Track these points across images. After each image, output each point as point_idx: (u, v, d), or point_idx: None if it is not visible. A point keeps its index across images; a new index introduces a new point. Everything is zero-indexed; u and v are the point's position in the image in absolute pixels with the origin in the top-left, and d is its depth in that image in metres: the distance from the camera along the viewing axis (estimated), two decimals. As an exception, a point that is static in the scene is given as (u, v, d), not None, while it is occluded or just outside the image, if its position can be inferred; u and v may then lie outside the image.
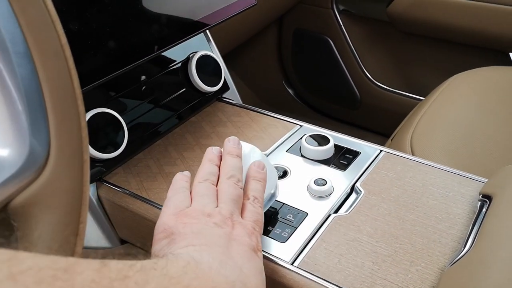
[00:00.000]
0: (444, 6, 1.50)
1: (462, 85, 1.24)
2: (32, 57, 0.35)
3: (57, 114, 0.36)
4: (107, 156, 0.80)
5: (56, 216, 0.37)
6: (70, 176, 0.38)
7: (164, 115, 0.93)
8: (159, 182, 0.81)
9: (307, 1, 1.83)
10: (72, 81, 0.37)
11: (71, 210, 0.38)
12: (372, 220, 0.71)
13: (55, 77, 0.36)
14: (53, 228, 0.37)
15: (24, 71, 0.35)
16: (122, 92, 0.87)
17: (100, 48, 0.72)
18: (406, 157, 0.84)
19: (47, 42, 0.36)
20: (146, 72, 0.92)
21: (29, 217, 0.37)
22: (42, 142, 0.36)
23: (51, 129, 0.36)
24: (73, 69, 0.38)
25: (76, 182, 0.38)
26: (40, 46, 0.36)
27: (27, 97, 0.35)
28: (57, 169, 0.37)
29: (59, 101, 0.36)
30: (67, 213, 0.38)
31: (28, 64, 0.35)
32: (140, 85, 0.90)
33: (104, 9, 0.73)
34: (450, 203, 0.73)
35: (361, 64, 1.81)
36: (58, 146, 0.37)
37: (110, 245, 0.84)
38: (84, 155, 0.39)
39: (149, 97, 0.91)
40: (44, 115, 0.36)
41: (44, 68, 0.36)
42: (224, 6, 0.92)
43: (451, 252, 0.65)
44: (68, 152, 0.38)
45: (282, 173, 0.82)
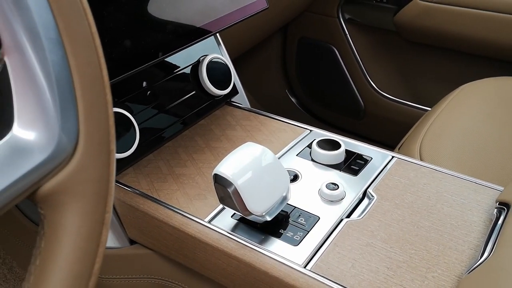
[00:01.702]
0: (452, 16, 1.49)
1: (471, 95, 1.24)
2: (63, 43, 0.35)
3: (87, 102, 0.36)
4: (119, 156, 0.79)
5: (84, 204, 0.37)
6: (98, 165, 0.37)
7: (174, 118, 0.92)
8: (170, 183, 0.80)
9: (312, 10, 1.83)
10: (101, 70, 0.37)
11: (98, 199, 0.38)
12: (385, 226, 0.71)
13: (85, 64, 0.36)
14: (80, 216, 0.37)
15: (55, 57, 0.34)
16: (133, 93, 0.87)
17: (115, 48, 0.71)
18: (419, 164, 0.83)
19: (78, 30, 0.35)
20: (158, 74, 0.91)
21: (57, 205, 0.36)
22: (71, 129, 0.35)
23: (80, 116, 0.36)
24: (102, 57, 0.37)
25: (103, 171, 0.38)
26: (71, 33, 0.35)
27: (58, 83, 0.34)
28: (86, 158, 0.36)
29: (88, 88, 0.36)
30: (94, 202, 0.37)
31: (59, 50, 0.34)
32: (151, 87, 0.90)
33: (120, 9, 0.72)
34: (465, 210, 0.73)
35: (366, 74, 1.81)
36: (86, 134, 0.36)
37: (119, 245, 0.84)
38: (111, 144, 0.38)
39: (159, 99, 0.90)
40: (73, 102, 0.35)
41: (75, 55, 0.35)
42: (236, 9, 0.92)
43: (468, 259, 0.65)
44: (97, 141, 0.37)
45: (293, 177, 0.82)
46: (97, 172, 0.37)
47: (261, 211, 0.68)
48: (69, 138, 0.35)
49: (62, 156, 0.35)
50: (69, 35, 0.35)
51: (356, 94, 1.86)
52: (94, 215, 0.37)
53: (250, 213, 0.67)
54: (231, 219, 0.73)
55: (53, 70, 0.34)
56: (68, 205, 0.36)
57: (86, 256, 0.37)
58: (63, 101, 0.34)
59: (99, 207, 0.38)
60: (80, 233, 0.37)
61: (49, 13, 0.34)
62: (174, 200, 0.77)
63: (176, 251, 0.76)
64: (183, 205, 0.76)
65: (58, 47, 0.34)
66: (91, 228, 0.37)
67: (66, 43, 0.35)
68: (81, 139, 0.36)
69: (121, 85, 0.85)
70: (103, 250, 0.38)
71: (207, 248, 0.71)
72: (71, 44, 0.35)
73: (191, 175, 0.82)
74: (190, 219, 0.73)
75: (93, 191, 0.37)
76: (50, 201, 0.35)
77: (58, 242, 0.36)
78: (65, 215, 0.36)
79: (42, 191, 0.35)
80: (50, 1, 0.34)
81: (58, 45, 0.34)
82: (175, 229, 0.73)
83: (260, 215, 0.68)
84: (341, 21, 1.79)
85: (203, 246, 0.71)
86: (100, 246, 0.38)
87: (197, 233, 0.71)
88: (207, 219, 0.73)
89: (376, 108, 1.84)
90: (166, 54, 0.79)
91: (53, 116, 0.34)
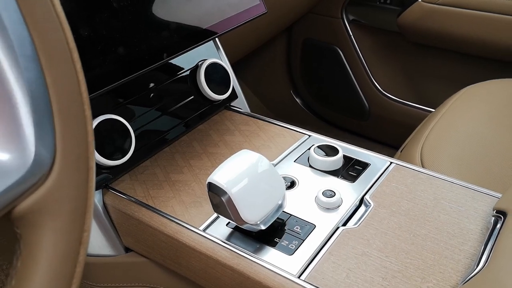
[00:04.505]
0: (457, 17, 1.48)
1: (474, 97, 1.23)
2: (40, 60, 0.34)
3: (64, 119, 0.35)
4: (114, 163, 0.79)
5: (60, 223, 0.36)
6: (76, 183, 0.37)
7: (171, 123, 0.92)
8: (166, 190, 0.80)
9: (316, 11, 1.82)
10: (79, 85, 0.36)
11: (75, 218, 0.37)
12: (381, 234, 0.70)
13: (62, 81, 0.35)
14: (56, 236, 0.36)
15: (31, 75, 0.34)
16: (130, 98, 0.86)
17: (109, 54, 0.71)
18: (417, 170, 0.82)
19: (55, 45, 0.35)
20: (155, 79, 0.91)
21: (33, 224, 0.35)
22: (47, 147, 0.35)
23: (57, 134, 0.35)
24: (80, 73, 0.37)
25: (81, 189, 0.37)
26: (47, 49, 0.34)
27: (33, 102, 0.34)
28: (63, 175, 0.36)
29: (65, 105, 0.35)
30: (71, 221, 0.37)
31: (35, 68, 0.34)
32: (148, 92, 0.89)
33: (114, 15, 0.72)
34: (462, 218, 0.72)
35: (370, 75, 1.80)
36: (64, 152, 0.36)
37: (114, 253, 0.83)
38: (90, 161, 0.38)
39: (157, 104, 0.90)
40: (50, 119, 0.35)
41: (51, 71, 0.35)
42: (234, 14, 0.91)
43: (464, 269, 0.64)
44: (74, 158, 0.36)
45: (289, 184, 0.81)
46: (75, 190, 0.37)
47: (256, 220, 0.67)
48: (45, 156, 0.34)
49: (38, 175, 0.34)
50: (45, 52, 0.34)
51: (361, 95, 1.85)
52: (71, 234, 0.37)
53: (244, 222, 0.66)
54: (226, 228, 0.72)
55: (29, 88, 0.33)
56: (44, 224, 0.35)
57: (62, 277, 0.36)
58: (39, 119, 0.34)
59: (77, 226, 0.37)
60: (56, 253, 0.36)
61: (25, 29, 0.33)
62: (170, 208, 0.76)
63: (171, 260, 0.76)
64: (178, 213, 0.75)
65: (34, 64, 0.34)
66: (68, 248, 0.37)
67: (42, 59, 0.34)
68: (58, 156, 0.35)
69: (117, 91, 0.84)
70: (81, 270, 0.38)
71: (201, 257, 0.70)
72: (47, 61, 0.34)
73: (188, 181, 0.82)
74: (185, 227, 0.73)
75: (70, 210, 0.37)
76: (26, 221, 0.35)
77: (34, 262, 0.36)
78: (41, 235, 0.36)
79: (18, 211, 0.34)
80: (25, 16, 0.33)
81: (34, 62, 0.34)
82: (170, 237, 0.73)
83: (254, 224, 0.67)
84: (345, 22, 1.78)
85: (198, 255, 0.71)
86: (77, 266, 0.37)
87: (191, 242, 0.71)
88: (202, 227, 0.73)
89: (380, 109, 1.83)
90: (163, 60, 0.78)
91: (28, 134, 0.34)
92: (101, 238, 0.82)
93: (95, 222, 0.80)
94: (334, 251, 0.68)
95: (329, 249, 0.68)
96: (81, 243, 0.38)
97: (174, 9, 0.81)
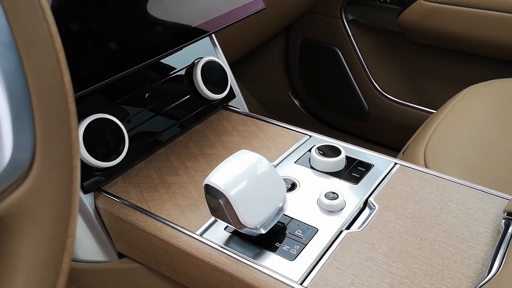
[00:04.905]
0: (458, 16, 1.45)
1: (476, 98, 1.20)
2: (18, 47, 0.31)
3: (44, 113, 0.32)
4: (106, 164, 0.75)
5: (41, 228, 0.33)
6: (58, 183, 0.33)
7: (167, 123, 0.88)
8: (160, 193, 0.77)
9: (315, 11, 1.80)
10: (62, 76, 0.33)
11: (58, 222, 0.34)
12: (387, 238, 0.66)
13: (43, 71, 0.32)
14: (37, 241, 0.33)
15: (7, 63, 0.30)
16: (123, 97, 0.83)
17: (100, 50, 0.68)
18: (422, 171, 0.79)
19: (35, 32, 0.32)
20: (149, 78, 0.88)
21: (11, 229, 0.32)
22: (26, 144, 0.31)
23: (37, 129, 0.32)
24: (63, 62, 0.33)
25: (65, 190, 0.34)
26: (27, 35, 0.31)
27: (10, 93, 0.30)
28: (43, 175, 0.32)
29: (47, 98, 0.32)
30: (54, 225, 0.34)
31: (12, 56, 0.30)
32: (142, 91, 0.86)
33: (106, 9, 0.69)
34: (471, 220, 0.69)
35: (370, 76, 1.77)
36: (44, 149, 0.32)
37: (107, 259, 0.80)
38: (74, 160, 0.34)
39: (151, 104, 0.87)
40: (29, 113, 0.31)
41: (31, 60, 0.31)
42: (232, 9, 0.88)
43: (475, 274, 0.60)
44: (56, 156, 0.33)
45: (290, 186, 0.78)
46: (57, 191, 0.33)
47: (255, 224, 0.64)
48: (23, 154, 0.31)
49: (16, 174, 0.31)
50: (24, 38, 0.31)
51: (360, 96, 1.82)
52: (53, 240, 0.33)
53: (243, 226, 0.63)
54: (224, 232, 0.69)
55: (5, 79, 0.30)
56: (23, 228, 0.32)
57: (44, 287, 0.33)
58: (17, 113, 0.31)
59: (59, 231, 0.34)
60: (37, 260, 0.33)
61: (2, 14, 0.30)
62: (165, 212, 0.73)
63: (166, 266, 0.73)
64: (174, 217, 0.72)
65: (11, 52, 0.30)
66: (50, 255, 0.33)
67: (20, 47, 0.31)
68: (38, 154, 0.32)
69: (110, 89, 0.81)
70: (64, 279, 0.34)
71: (198, 263, 0.67)
72: (26, 48, 0.31)
73: (184, 184, 0.79)
74: (181, 232, 0.69)
75: (52, 213, 0.33)
76: (3, 225, 0.32)
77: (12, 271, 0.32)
78: (20, 240, 0.32)
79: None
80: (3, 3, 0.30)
81: (11, 49, 0.30)
82: (165, 242, 0.69)
83: (254, 228, 0.64)
84: (344, 22, 1.76)
85: (194, 261, 0.67)
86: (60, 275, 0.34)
87: (187, 247, 0.67)
88: (199, 232, 0.69)
89: (380, 110, 1.80)
90: (157, 57, 0.75)
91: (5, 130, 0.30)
92: (93, 244, 0.78)
93: (87, 226, 0.76)
94: (337, 256, 0.64)
95: (332, 254, 0.65)
96: (65, 249, 0.34)
97: (169, 3, 0.77)
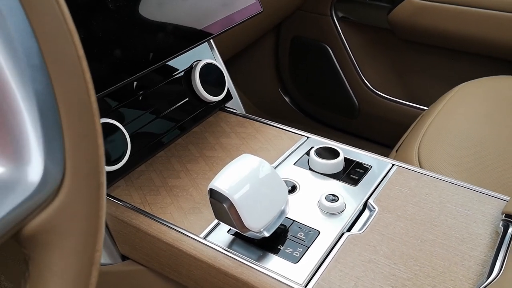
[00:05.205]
0: (448, 14, 1.47)
1: (468, 95, 1.21)
2: (48, 70, 0.31)
3: (74, 132, 0.33)
4: (110, 168, 0.76)
5: (71, 243, 0.34)
6: (87, 200, 0.34)
7: (166, 126, 0.89)
8: (163, 196, 0.78)
9: (305, 8, 1.80)
10: (89, 96, 0.34)
11: (87, 237, 0.35)
12: (388, 240, 0.68)
13: (72, 91, 0.33)
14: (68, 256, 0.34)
15: (39, 86, 0.31)
16: (124, 102, 0.83)
17: (105, 58, 0.68)
18: (420, 172, 0.81)
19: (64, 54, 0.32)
20: (149, 82, 0.88)
21: (43, 245, 0.33)
22: (57, 163, 0.32)
23: (66, 148, 0.33)
24: (90, 83, 0.34)
25: (93, 206, 0.35)
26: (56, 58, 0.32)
27: (41, 114, 0.31)
28: (73, 192, 0.33)
29: (75, 117, 0.33)
30: (83, 240, 0.34)
31: (43, 78, 0.31)
32: (142, 95, 0.87)
33: (109, 19, 0.69)
34: (470, 222, 0.70)
35: (360, 73, 1.78)
36: (74, 167, 0.33)
37: (110, 261, 0.80)
38: (101, 176, 0.35)
39: (151, 107, 0.87)
40: (59, 133, 0.32)
41: (61, 82, 0.32)
42: (231, 14, 0.89)
43: (476, 276, 0.62)
44: (85, 173, 0.34)
45: (291, 188, 0.79)
46: (86, 208, 0.34)
47: (259, 227, 0.65)
48: (54, 172, 0.32)
49: (47, 192, 0.32)
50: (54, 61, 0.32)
51: (350, 93, 1.84)
52: (83, 255, 0.34)
53: (247, 230, 0.64)
54: (228, 235, 0.70)
55: (37, 100, 0.31)
56: (54, 244, 0.33)
57: None
58: (48, 133, 0.31)
59: (88, 246, 0.35)
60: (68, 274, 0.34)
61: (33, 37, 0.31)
62: (168, 215, 0.74)
63: (170, 268, 0.73)
64: (177, 220, 0.73)
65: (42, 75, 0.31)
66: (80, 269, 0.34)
67: (51, 70, 0.32)
68: (68, 172, 0.33)
69: (111, 94, 0.82)
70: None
71: (202, 265, 0.68)
72: (56, 71, 0.32)
73: (185, 187, 0.79)
74: (185, 235, 0.70)
75: (81, 229, 0.34)
76: (35, 241, 0.32)
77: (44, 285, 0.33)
78: (51, 256, 0.33)
79: (27, 231, 0.32)
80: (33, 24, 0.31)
81: (42, 72, 0.31)
82: (169, 245, 0.70)
83: (258, 231, 0.65)
84: (334, 19, 1.76)
85: (199, 264, 0.68)
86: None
87: (192, 250, 0.68)
88: (203, 235, 0.70)
89: (370, 107, 1.82)
90: (158, 63, 0.76)
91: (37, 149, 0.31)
92: (97, 247, 0.79)
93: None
94: (340, 258, 0.66)
95: (335, 257, 0.66)
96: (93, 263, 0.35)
97: (169, 10, 0.78)
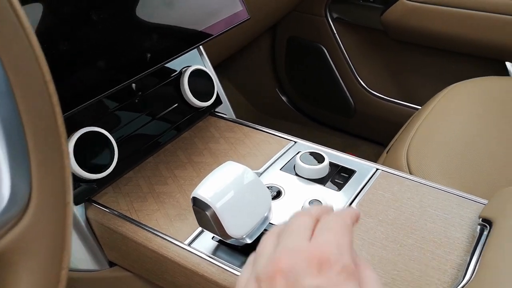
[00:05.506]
0: (440, 15, 1.48)
1: (459, 96, 1.22)
2: (15, 96, 0.33)
3: (40, 155, 0.34)
4: (97, 176, 0.77)
5: (38, 262, 0.35)
6: (53, 219, 0.36)
7: (155, 132, 0.90)
8: (149, 202, 0.79)
9: (300, 9, 1.81)
10: (56, 119, 0.35)
11: (53, 256, 0.36)
12: (368, 245, 0.69)
13: (38, 116, 0.34)
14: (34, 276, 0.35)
15: (5, 111, 0.32)
16: (112, 108, 0.85)
17: (90, 68, 0.70)
18: (403, 176, 0.82)
19: (31, 80, 0.34)
20: (137, 88, 0.89)
21: (9, 264, 0.34)
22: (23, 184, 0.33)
23: (32, 170, 0.34)
24: (57, 106, 0.35)
25: (59, 226, 0.36)
26: (23, 84, 0.33)
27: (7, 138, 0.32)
28: (39, 213, 0.35)
29: (41, 141, 0.34)
30: (49, 259, 0.36)
31: (9, 104, 0.33)
32: (130, 101, 0.88)
33: (94, 28, 0.71)
34: (449, 226, 0.71)
35: (355, 72, 1.80)
36: (40, 187, 0.35)
37: (98, 268, 0.82)
38: (67, 196, 0.37)
39: (140, 113, 0.89)
40: (25, 156, 0.33)
41: (27, 107, 0.33)
42: (217, 21, 0.90)
43: (451, 280, 0.63)
44: (51, 194, 0.35)
45: (276, 193, 0.80)
46: (52, 227, 0.36)
47: (241, 234, 0.66)
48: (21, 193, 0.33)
49: (13, 214, 0.33)
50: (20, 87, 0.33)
51: (346, 92, 1.85)
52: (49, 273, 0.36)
53: (230, 237, 0.65)
54: (212, 241, 0.72)
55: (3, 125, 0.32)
56: (20, 264, 0.34)
57: None
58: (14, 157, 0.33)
59: (55, 264, 0.36)
60: None
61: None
62: (154, 222, 0.75)
63: (156, 275, 0.75)
64: (163, 227, 0.74)
65: (8, 101, 0.33)
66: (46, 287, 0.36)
67: (17, 95, 0.33)
68: (34, 193, 0.34)
69: (99, 101, 0.83)
70: (60, 309, 0.37)
71: (187, 272, 0.69)
72: (22, 96, 0.33)
73: (172, 193, 0.81)
74: (170, 241, 0.72)
75: (47, 248, 0.36)
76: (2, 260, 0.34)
77: None
78: (17, 275, 0.34)
79: None
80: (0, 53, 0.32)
81: (9, 98, 0.33)
82: (154, 252, 0.72)
83: (240, 238, 0.66)
84: (329, 20, 1.78)
85: (183, 270, 0.70)
86: None
87: (176, 257, 0.70)
88: (187, 242, 0.72)
89: (365, 106, 1.83)
90: (146, 71, 0.77)
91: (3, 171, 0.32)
92: (84, 253, 0.80)
93: (78, 236, 0.78)
94: (321, 263, 0.67)
95: (316, 262, 0.67)
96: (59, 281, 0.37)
97: (156, 18, 0.79)
